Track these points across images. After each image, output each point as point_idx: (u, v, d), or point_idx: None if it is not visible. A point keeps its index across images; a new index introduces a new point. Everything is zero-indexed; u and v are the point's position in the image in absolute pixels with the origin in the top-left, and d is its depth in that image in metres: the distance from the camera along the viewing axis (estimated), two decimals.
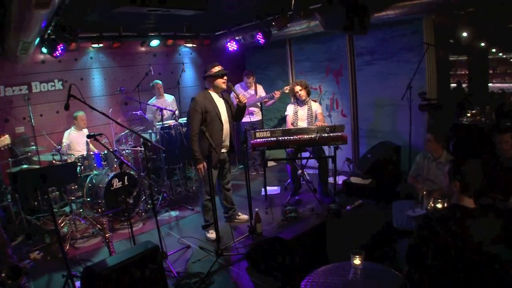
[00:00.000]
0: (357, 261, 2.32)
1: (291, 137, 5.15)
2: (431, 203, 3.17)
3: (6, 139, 4.12)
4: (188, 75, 7.97)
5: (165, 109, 6.37)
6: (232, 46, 7.13)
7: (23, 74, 5.88)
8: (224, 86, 4.53)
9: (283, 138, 5.17)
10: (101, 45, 6.31)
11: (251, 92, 7.08)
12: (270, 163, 7.62)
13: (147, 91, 7.02)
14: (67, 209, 5.64)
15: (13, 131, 5.78)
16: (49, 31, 4.95)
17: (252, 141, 5.23)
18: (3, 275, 2.99)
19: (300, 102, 5.65)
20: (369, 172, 5.50)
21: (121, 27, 6.21)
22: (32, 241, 4.90)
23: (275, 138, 5.17)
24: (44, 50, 5.36)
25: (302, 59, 7.19)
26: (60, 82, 6.29)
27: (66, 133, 5.87)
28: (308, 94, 5.65)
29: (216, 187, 4.96)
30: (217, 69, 4.52)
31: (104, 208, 5.17)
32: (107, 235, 3.88)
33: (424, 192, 3.57)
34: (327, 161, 5.52)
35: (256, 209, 4.81)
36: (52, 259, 4.48)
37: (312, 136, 5.08)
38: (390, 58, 5.71)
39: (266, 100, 6.85)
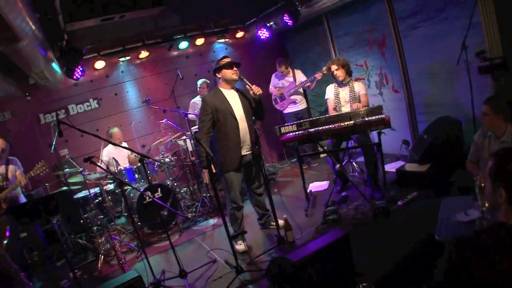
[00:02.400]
0: None
1: (322, 128, 4.46)
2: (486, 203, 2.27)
3: (43, 166, 4.27)
4: None
5: None
6: (263, 33, 6.59)
7: (59, 99, 6.08)
8: (234, 77, 3.99)
9: (313, 130, 4.50)
10: (128, 57, 6.26)
11: (289, 80, 6.47)
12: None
13: (185, 95, 6.84)
14: (120, 221, 5.75)
15: (58, 154, 6.00)
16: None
17: (281, 138, 4.66)
18: None
19: (340, 83, 4.91)
20: (425, 156, 4.55)
21: (143, 36, 6.08)
22: (77, 259, 5.04)
23: (303, 131, 4.53)
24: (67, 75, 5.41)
25: (341, 35, 6.32)
26: (95, 101, 6.39)
27: (104, 151, 5.91)
28: (348, 73, 4.88)
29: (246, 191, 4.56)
30: (226, 60, 4.05)
31: (140, 222, 5.10)
32: (118, 255, 3.75)
33: (482, 185, 2.63)
34: (373, 149, 4.68)
35: (285, 216, 4.25)
36: (88, 277, 4.51)
37: (347, 123, 4.33)
38: (435, 17, 4.62)
39: (309, 84, 6.17)
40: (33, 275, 4.50)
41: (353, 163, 5.58)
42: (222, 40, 7.20)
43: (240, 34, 7.16)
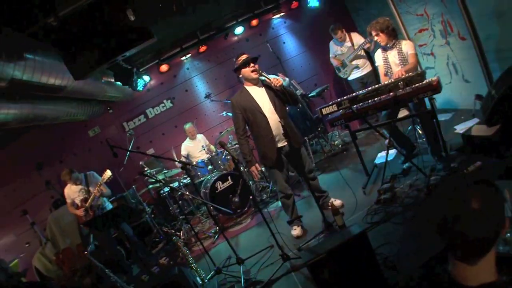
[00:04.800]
0: None
1: (364, 104, 4.18)
2: None
3: (107, 173, 4.98)
4: (290, 46, 7.45)
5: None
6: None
7: (136, 106, 6.87)
8: (253, 75, 3.92)
9: (356, 106, 4.25)
10: (188, 55, 6.63)
11: (347, 45, 6.07)
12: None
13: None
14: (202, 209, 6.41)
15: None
16: None
17: (327, 119, 4.53)
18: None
19: (385, 47, 4.48)
20: (492, 116, 3.89)
21: (198, 32, 6.35)
22: (169, 246, 5.82)
23: (345, 110, 4.32)
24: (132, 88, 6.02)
25: None
26: (169, 101, 7.00)
27: (182, 146, 6.49)
28: (391, 36, 4.36)
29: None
30: (241, 58, 4.00)
31: (214, 210, 5.59)
32: (180, 248, 4.27)
33: None
34: (429, 115, 4.20)
35: (331, 200, 4.20)
36: (174, 263, 5.20)
37: (386, 96, 3.99)
38: None
39: (368, 45, 5.74)
40: (131, 263, 5.41)
41: (418, 129, 5.07)
42: (278, 15, 7.03)
43: (294, 5, 6.90)
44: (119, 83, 5.27)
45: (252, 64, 3.93)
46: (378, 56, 4.58)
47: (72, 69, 2.89)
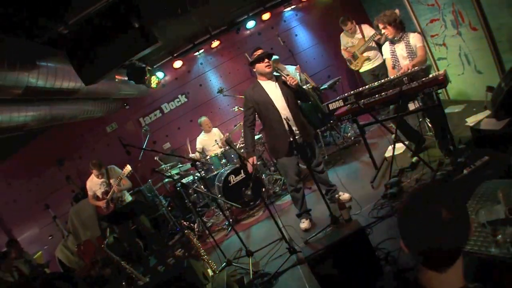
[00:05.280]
0: None
1: (371, 98, 4.20)
2: None
3: (127, 168, 5.25)
4: (302, 38, 7.45)
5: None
6: None
7: (152, 102, 7.08)
8: (267, 70, 4.01)
9: (363, 101, 4.27)
10: (201, 50, 6.75)
11: (358, 37, 6.03)
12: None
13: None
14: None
15: (162, 149, 7.07)
16: None
17: (334, 113, 4.57)
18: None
19: (392, 40, 4.45)
20: (501, 109, 3.84)
21: (209, 27, 6.43)
22: (185, 238, 6.02)
23: (352, 105, 4.34)
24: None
25: None
26: (184, 95, 7.17)
27: (198, 139, 6.63)
28: (399, 28, 4.31)
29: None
30: (257, 53, 4.06)
31: (228, 202, 5.74)
32: (192, 241, 4.44)
33: None
34: (437, 109, 4.18)
35: (337, 195, 4.26)
36: (188, 255, 5.40)
37: (392, 91, 3.99)
38: None
39: (379, 37, 5.69)
40: (149, 254, 5.64)
41: (428, 122, 5.03)
42: (289, 8, 7.04)
43: None
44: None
45: (266, 60, 4.01)
46: (386, 49, 4.56)
47: (82, 75, 3.05)
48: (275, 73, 4.13)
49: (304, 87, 6.02)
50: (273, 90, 4.09)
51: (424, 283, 1.28)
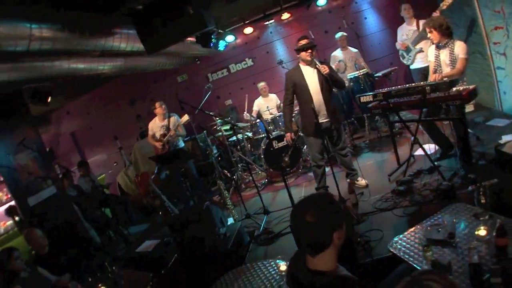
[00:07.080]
0: None
1: (397, 100, 4.46)
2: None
3: (185, 117, 6.01)
4: (371, 22, 7.47)
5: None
6: None
7: (221, 61, 7.81)
8: (308, 58, 4.55)
9: (391, 101, 4.54)
10: (271, 21, 7.18)
11: (413, 29, 5.93)
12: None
13: (329, 48, 7.15)
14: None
15: (223, 104, 7.86)
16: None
17: (368, 106, 4.93)
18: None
19: (438, 44, 4.55)
20: None
21: (281, 0, 6.78)
22: (227, 186, 6.86)
23: (380, 102, 4.63)
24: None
25: None
26: (250, 59, 7.80)
27: (255, 102, 7.23)
28: (445, 34, 4.38)
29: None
30: (302, 42, 4.60)
31: (267, 164, 6.42)
32: (221, 191, 5.23)
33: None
34: (462, 121, 4.30)
35: (348, 180, 4.71)
36: (222, 203, 6.26)
37: (415, 97, 4.22)
38: None
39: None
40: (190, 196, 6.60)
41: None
42: None
43: None
44: None
45: (310, 50, 4.52)
46: (431, 52, 4.62)
47: (146, 45, 3.81)
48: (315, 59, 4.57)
49: (356, 73, 6.28)
50: (310, 75, 4.61)
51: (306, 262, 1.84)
